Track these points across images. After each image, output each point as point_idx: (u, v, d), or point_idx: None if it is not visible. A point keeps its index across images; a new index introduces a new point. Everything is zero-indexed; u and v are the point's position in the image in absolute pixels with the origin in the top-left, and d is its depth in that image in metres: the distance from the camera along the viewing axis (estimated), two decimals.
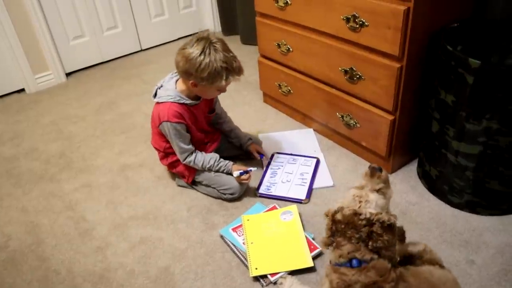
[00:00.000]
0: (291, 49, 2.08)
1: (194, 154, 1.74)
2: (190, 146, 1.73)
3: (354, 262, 1.11)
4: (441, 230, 1.61)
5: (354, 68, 1.77)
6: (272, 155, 2.04)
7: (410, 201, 1.75)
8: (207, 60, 1.52)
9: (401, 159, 1.92)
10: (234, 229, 1.65)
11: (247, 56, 3.01)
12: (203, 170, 1.78)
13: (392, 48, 1.57)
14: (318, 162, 1.97)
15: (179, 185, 1.92)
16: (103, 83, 2.89)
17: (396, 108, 1.71)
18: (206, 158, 1.76)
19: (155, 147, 1.86)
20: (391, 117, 1.73)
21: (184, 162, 1.75)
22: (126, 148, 2.22)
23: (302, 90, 2.14)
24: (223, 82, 1.59)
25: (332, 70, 1.89)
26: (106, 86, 2.85)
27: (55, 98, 2.76)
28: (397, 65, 1.59)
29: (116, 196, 1.90)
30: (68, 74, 3.00)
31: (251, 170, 1.77)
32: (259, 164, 1.97)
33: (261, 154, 1.97)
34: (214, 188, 1.81)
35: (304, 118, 2.28)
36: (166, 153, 1.82)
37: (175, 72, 1.74)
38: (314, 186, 1.85)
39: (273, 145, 2.12)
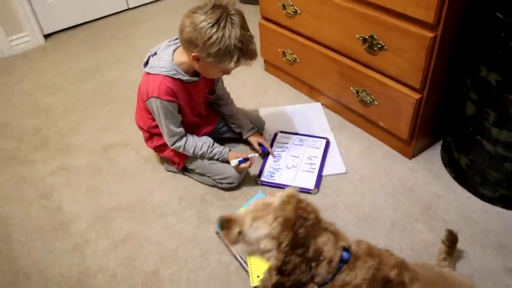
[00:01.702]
0: (298, 11, 1.78)
1: (184, 139, 1.49)
2: (181, 129, 1.47)
3: (345, 254, 0.91)
4: (471, 229, 1.39)
5: (375, 36, 1.49)
6: (275, 135, 1.79)
7: (435, 193, 1.53)
8: (220, 34, 1.24)
9: (423, 141, 1.67)
10: None
11: (246, 17, 2.69)
12: (194, 157, 1.54)
13: (426, 14, 1.29)
14: (328, 143, 1.73)
15: (168, 170, 1.69)
16: (85, 46, 2.58)
17: (424, 85, 1.44)
18: (198, 144, 1.51)
19: (139, 125, 1.60)
20: (417, 96, 1.47)
21: (172, 147, 1.50)
22: (110, 124, 1.96)
23: (310, 59, 1.86)
24: (232, 64, 1.31)
25: (347, 38, 1.61)
26: (89, 50, 2.55)
27: (32, 63, 2.47)
28: (430, 34, 1.31)
29: (97, 182, 1.67)
30: (46, 36, 2.68)
31: (252, 156, 1.53)
32: (260, 155, 1.71)
33: (263, 147, 1.69)
34: (209, 176, 1.57)
35: (311, 90, 2.01)
36: (151, 133, 1.57)
37: (175, 39, 1.46)
38: (324, 172, 1.61)
39: (275, 121, 1.86)
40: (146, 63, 1.44)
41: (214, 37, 1.24)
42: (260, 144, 1.68)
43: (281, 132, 1.80)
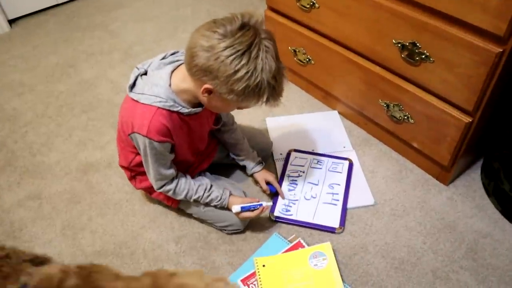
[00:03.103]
0: (316, 5, 1.47)
1: (175, 181, 1.18)
2: (172, 171, 1.16)
3: None
4: None
5: (417, 44, 1.21)
6: (288, 155, 1.51)
7: (480, 231, 1.30)
8: (251, 66, 0.92)
9: (462, 164, 1.43)
10: (244, 281, 1.17)
11: (247, 4, 2.35)
12: (187, 201, 1.25)
13: (496, 24, 1.01)
14: (351, 166, 1.47)
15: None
16: (57, 35, 2.22)
17: (477, 108, 1.18)
18: (192, 187, 1.20)
19: (120, 165, 1.29)
20: (467, 119, 1.21)
21: (159, 191, 1.20)
22: (88, 136, 1.65)
23: (328, 62, 1.57)
24: (259, 104, 1.01)
25: (380, 42, 1.32)
26: (61, 40, 2.18)
27: None
28: (497, 49, 1.04)
29: (76, 216, 1.38)
30: (11, 22, 2.30)
31: (260, 204, 1.22)
32: (269, 195, 1.41)
33: (272, 187, 1.37)
34: (210, 223, 1.30)
35: (326, 96, 1.72)
36: (136, 172, 1.25)
37: (171, 54, 1.12)
38: (349, 205, 1.36)
39: (285, 135, 1.59)
40: (133, 85, 1.08)
41: (243, 70, 0.92)
42: (268, 183, 1.37)
43: (295, 151, 1.52)
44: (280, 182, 1.42)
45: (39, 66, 2.02)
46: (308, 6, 1.50)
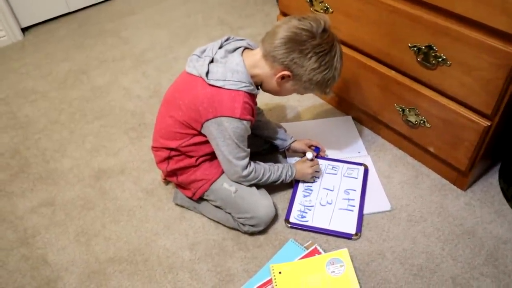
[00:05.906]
0: (330, 9, 1.47)
1: (252, 163, 1.24)
2: (249, 150, 1.23)
3: None
4: None
5: (434, 47, 1.19)
6: None
7: (500, 237, 1.27)
8: (330, 63, 1.13)
9: (479, 169, 1.40)
10: None
11: (258, 8, 2.35)
12: (255, 184, 1.28)
13: None
14: (366, 171, 1.45)
15: (177, 204, 1.40)
16: (69, 42, 2.24)
17: (496, 111, 1.16)
18: (263, 165, 1.27)
19: (159, 147, 1.27)
20: (486, 123, 1.19)
21: (243, 174, 1.21)
22: (101, 143, 1.65)
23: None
24: (321, 93, 1.21)
25: (395, 46, 1.31)
26: (73, 47, 2.20)
27: (7, 64, 2.12)
28: None
29: (90, 223, 1.37)
30: (24, 30, 2.32)
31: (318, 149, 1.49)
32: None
33: (316, 147, 1.49)
34: (229, 213, 1.29)
35: (339, 101, 1.71)
36: (180, 152, 1.25)
37: (225, 41, 1.21)
38: (365, 210, 1.34)
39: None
40: (207, 72, 1.13)
41: (325, 66, 1.12)
42: (310, 146, 1.49)
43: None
44: (295, 188, 1.41)
45: (51, 73, 2.03)
46: (321, 11, 1.50)
